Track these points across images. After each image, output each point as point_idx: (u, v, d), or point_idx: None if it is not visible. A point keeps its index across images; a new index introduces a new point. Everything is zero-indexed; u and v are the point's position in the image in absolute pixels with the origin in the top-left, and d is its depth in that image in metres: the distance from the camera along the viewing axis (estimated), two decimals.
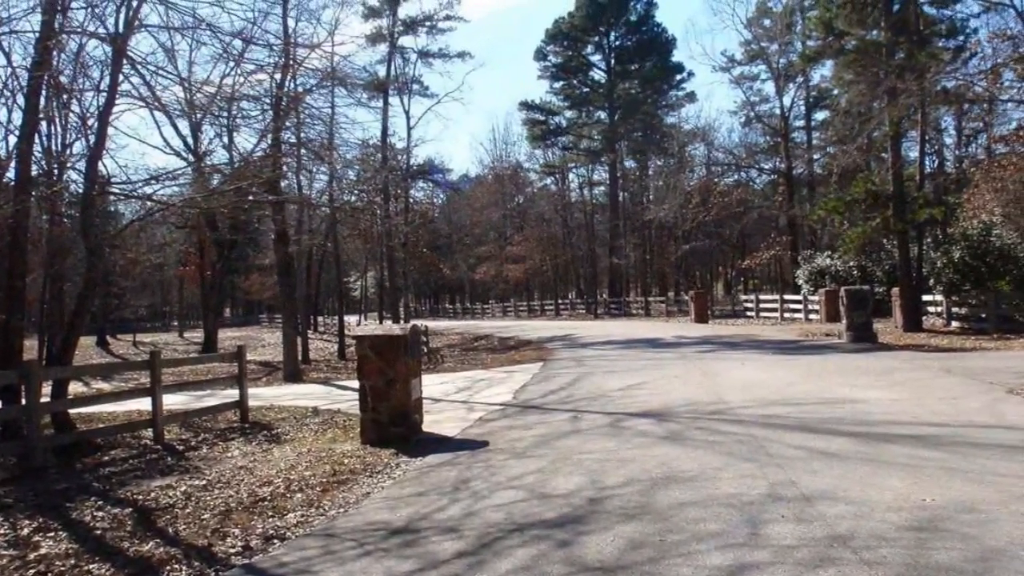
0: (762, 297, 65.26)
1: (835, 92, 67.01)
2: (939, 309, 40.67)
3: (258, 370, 41.31)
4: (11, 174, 18.95)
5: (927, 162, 56.67)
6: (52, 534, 10.75)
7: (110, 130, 19.40)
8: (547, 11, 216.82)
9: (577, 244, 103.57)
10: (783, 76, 77.10)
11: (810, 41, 62.12)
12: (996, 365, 23.67)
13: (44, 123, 20.48)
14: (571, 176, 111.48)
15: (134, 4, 18.53)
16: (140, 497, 12.64)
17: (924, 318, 39.84)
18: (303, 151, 31.61)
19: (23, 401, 15.64)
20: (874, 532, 8.41)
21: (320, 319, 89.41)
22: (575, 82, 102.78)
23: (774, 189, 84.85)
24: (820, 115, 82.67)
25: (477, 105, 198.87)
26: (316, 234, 55.72)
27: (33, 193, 19.35)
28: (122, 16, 18.56)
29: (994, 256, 39.66)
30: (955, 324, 38.65)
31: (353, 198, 47.34)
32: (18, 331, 18.15)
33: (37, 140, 19.95)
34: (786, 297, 58.49)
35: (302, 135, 30.35)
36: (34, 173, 19.57)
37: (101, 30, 18.78)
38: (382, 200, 57.86)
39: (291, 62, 27.83)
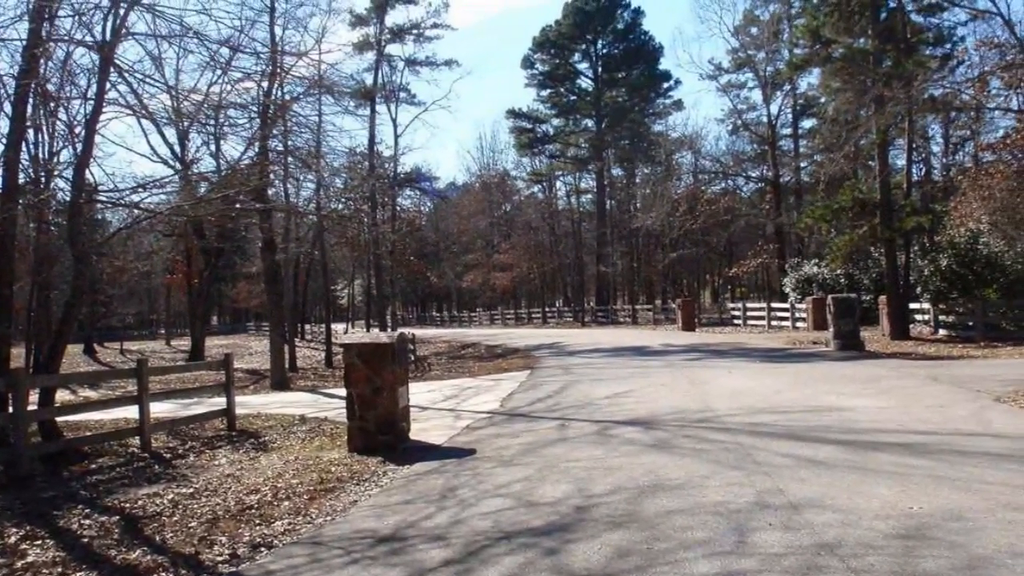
0: (749, 305, 65.37)
1: (822, 100, 67.10)
2: (926, 317, 40.75)
3: (245, 378, 41.31)
4: None
5: (914, 170, 56.86)
6: (39, 542, 10.74)
7: (97, 138, 19.36)
8: (534, 19, 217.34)
9: (564, 252, 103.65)
10: (770, 84, 77.14)
11: (797, 49, 62.17)
12: (983, 373, 23.74)
13: (31, 131, 20.48)
14: (558, 184, 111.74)
15: (121, 12, 18.53)
16: (127, 505, 12.64)
17: (911, 326, 39.96)
18: (290, 159, 31.58)
19: (10, 409, 15.62)
20: (861, 540, 8.42)
21: (307, 327, 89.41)
22: (562, 90, 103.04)
23: (761, 197, 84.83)
24: (807, 123, 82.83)
25: (464, 113, 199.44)
26: (303, 242, 55.71)
27: (20, 201, 19.33)
28: (109, 24, 18.56)
29: (981, 264, 39.80)
30: (942, 332, 38.72)
31: (340, 206, 47.34)
32: (5, 339, 18.12)
33: (24, 148, 19.91)
34: (773, 305, 58.62)
35: (289, 143, 30.34)
36: (21, 181, 19.53)
37: (88, 38, 18.78)
38: (369, 208, 57.83)
39: (278, 70, 27.82)
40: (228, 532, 10.62)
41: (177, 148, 38.71)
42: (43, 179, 21.27)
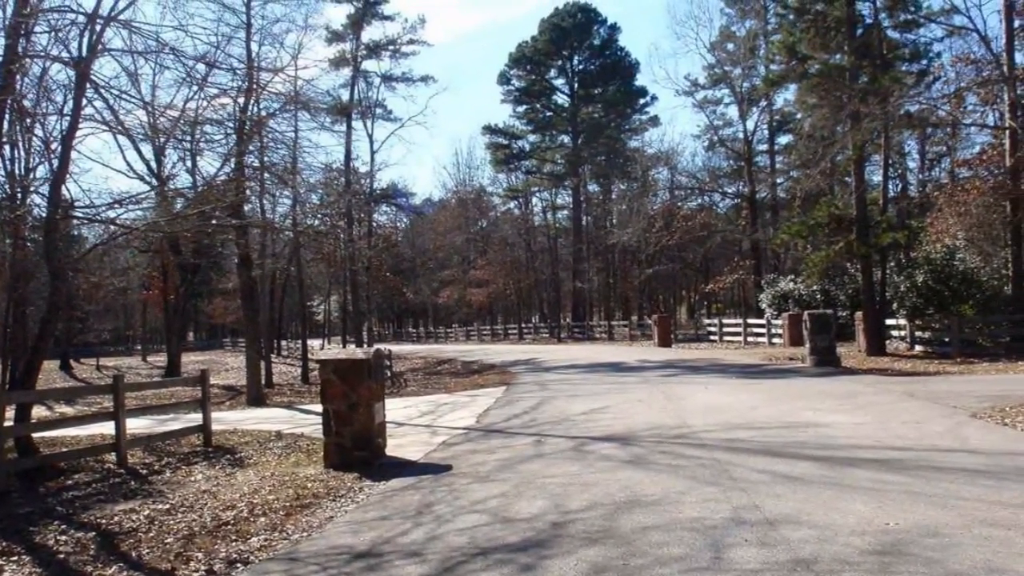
0: (725, 321, 65.27)
1: (798, 116, 67.06)
2: (902, 333, 40.80)
3: (221, 394, 41.17)
4: None
5: (890, 186, 57.11)
6: (15, 558, 10.75)
7: (73, 154, 19.36)
8: (511, 35, 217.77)
9: (540, 268, 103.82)
10: (746, 100, 77.10)
11: (773, 65, 61.93)
12: (959, 389, 23.76)
13: (7, 147, 20.42)
14: (534, 200, 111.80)
15: (97, 28, 18.51)
16: (103, 521, 12.63)
17: (887, 342, 39.96)
18: (266, 175, 31.53)
19: None
20: (837, 556, 8.43)
21: (284, 343, 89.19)
22: (538, 106, 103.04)
23: (737, 213, 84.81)
24: (783, 139, 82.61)
25: (440, 129, 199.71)
26: (279, 258, 55.56)
27: None
28: (85, 40, 18.55)
29: (957, 280, 39.84)
30: (918, 348, 38.79)
31: (316, 222, 47.30)
32: None
33: (0, 164, 19.90)
34: (749, 321, 58.53)
35: (265, 159, 30.30)
36: None
37: (65, 54, 18.77)
38: (345, 224, 57.79)
39: (254, 86, 27.82)
40: (204, 548, 10.62)
41: (153, 164, 38.72)
42: (19, 195, 21.20)
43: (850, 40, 39.14)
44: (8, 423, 16.63)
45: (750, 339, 54.77)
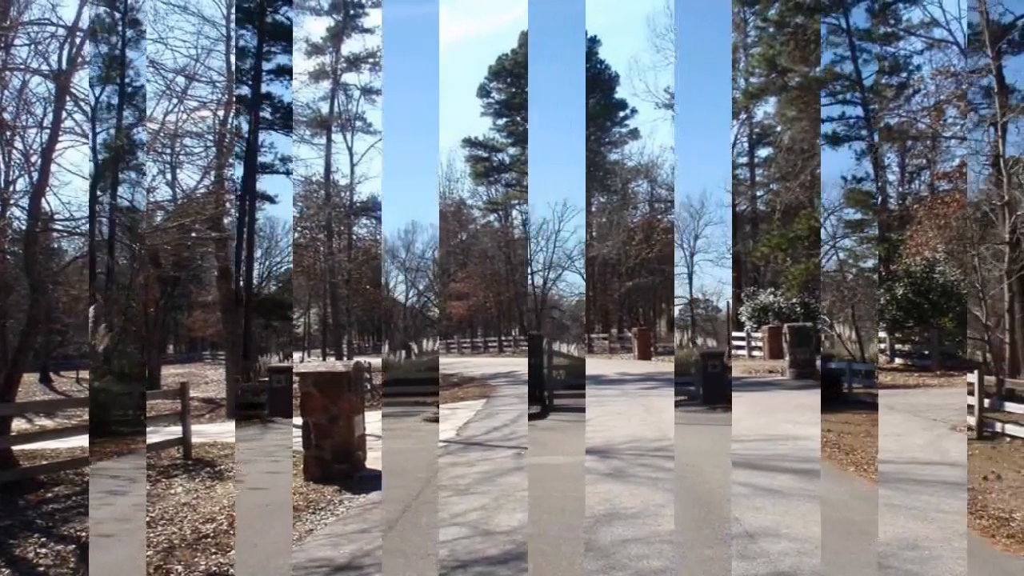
0: None
1: (778, 129, 67.07)
2: (882, 346, 40.77)
3: (201, 407, 41.05)
4: None
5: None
6: None
7: (53, 167, 19.30)
8: (491, 48, 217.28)
9: (521, 281, 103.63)
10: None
11: (753, 78, 62.00)
12: (939, 402, 23.76)
13: None
14: (514, 213, 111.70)
15: (77, 42, 18.49)
16: (83, 534, 12.57)
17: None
18: None
19: None
20: (817, 569, 8.43)
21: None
22: (519, 119, 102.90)
23: None
24: (763, 152, 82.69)
25: None
26: None
27: None
28: (65, 53, 18.53)
29: (937, 293, 39.84)
30: (898, 361, 38.76)
31: (296, 235, 47.26)
32: None
33: None
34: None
35: None
36: None
37: (44, 67, 18.74)
38: (325, 237, 57.71)
39: (234, 99, 27.79)
40: (184, 561, 10.59)
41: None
42: None
43: None
44: None
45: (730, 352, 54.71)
